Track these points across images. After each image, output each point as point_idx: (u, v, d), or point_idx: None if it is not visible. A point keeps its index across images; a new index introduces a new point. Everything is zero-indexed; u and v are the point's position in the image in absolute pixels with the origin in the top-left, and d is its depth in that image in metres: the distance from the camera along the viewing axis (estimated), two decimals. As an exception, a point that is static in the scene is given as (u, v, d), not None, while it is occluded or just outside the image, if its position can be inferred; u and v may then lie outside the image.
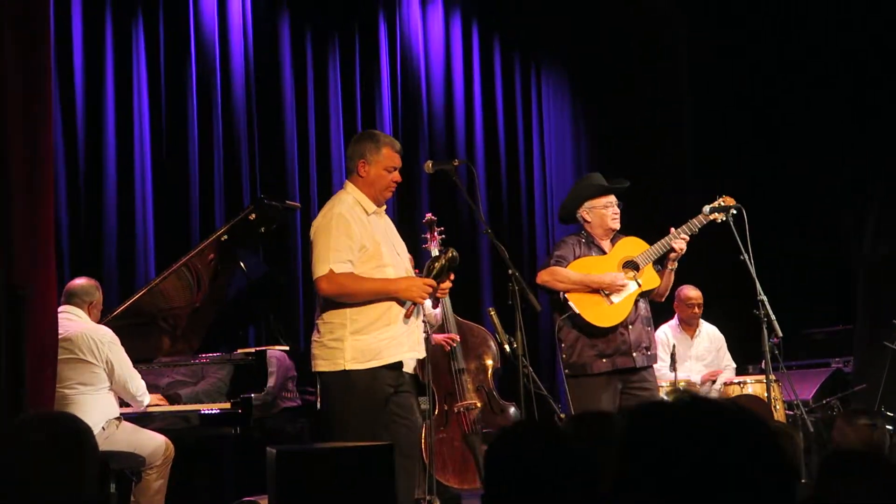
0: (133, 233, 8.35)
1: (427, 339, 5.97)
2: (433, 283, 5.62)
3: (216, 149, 8.71)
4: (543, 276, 6.73)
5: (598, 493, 2.58)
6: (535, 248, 10.28)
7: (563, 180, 10.48)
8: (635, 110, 10.52)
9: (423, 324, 5.88)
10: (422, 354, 5.75)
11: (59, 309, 6.65)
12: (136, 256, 8.35)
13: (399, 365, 5.59)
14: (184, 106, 8.61)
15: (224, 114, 8.77)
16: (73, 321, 6.56)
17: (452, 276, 5.73)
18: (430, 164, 6.13)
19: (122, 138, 8.34)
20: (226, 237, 7.36)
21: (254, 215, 7.39)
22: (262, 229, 7.50)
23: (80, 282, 6.85)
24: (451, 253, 5.68)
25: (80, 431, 2.57)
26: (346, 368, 5.47)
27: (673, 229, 6.72)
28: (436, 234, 7.71)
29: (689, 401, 1.95)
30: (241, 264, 7.43)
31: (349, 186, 5.73)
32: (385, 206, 5.81)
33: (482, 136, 10.26)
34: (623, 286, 6.65)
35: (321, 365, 5.57)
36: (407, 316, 5.58)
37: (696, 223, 6.74)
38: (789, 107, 10.42)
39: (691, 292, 8.57)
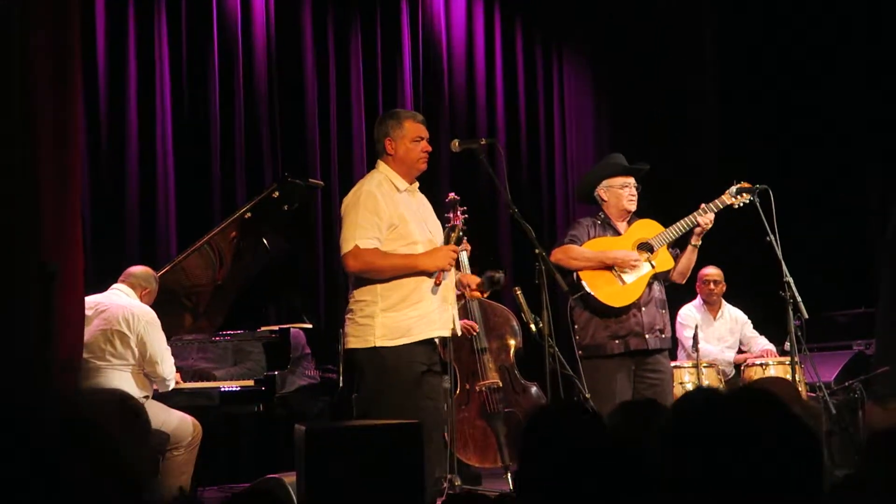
0: (155, 211, 8.38)
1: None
2: (456, 248, 5.64)
3: (238, 127, 8.73)
4: (557, 255, 6.72)
5: (636, 476, 2.57)
6: (555, 229, 10.27)
7: (584, 161, 10.47)
8: (656, 90, 10.50)
9: (455, 303, 5.88)
10: (450, 333, 5.76)
11: (113, 286, 6.74)
12: (157, 234, 8.38)
13: (431, 342, 5.60)
14: (206, 85, 8.62)
15: (246, 94, 8.78)
16: (120, 297, 6.62)
17: (487, 294, 5.82)
18: (456, 142, 6.13)
19: (145, 118, 8.36)
20: (249, 215, 7.38)
21: (277, 193, 7.40)
22: (286, 207, 7.51)
23: (141, 268, 6.95)
24: (498, 276, 5.77)
25: (140, 407, 2.58)
26: (377, 345, 5.48)
27: (703, 205, 6.71)
28: (458, 213, 7.71)
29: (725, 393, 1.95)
30: (264, 242, 7.45)
31: (381, 166, 5.74)
32: (418, 184, 5.82)
33: (504, 118, 10.25)
34: (636, 263, 6.64)
35: (352, 342, 5.58)
36: (437, 283, 5.58)
37: (721, 202, 6.72)
38: (816, 87, 10.38)
39: (707, 269, 8.57)
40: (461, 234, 5.83)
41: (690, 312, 8.66)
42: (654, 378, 6.61)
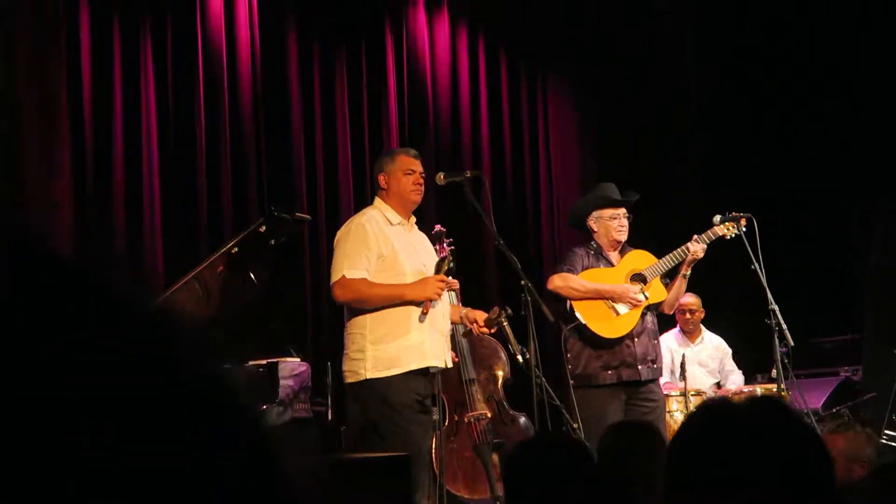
0: (141, 245, 8.37)
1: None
2: (445, 279, 5.69)
3: (224, 161, 8.73)
4: (556, 282, 6.74)
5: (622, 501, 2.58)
6: (542, 259, 10.29)
7: (569, 190, 10.49)
8: (640, 119, 10.53)
9: (448, 334, 5.92)
10: (444, 365, 5.78)
11: None
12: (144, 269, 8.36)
13: (424, 372, 5.63)
14: (191, 119, 8.63)
15: (232, 127, 8.79)
16: None
17: (494, 330, 5.90)
18: (441, 175, 6.17)
19: (130, 153, 8.36)
20: (236, 250, 7.38)
21: (264, 227, 7.40)
22: (273, 241, 7.52)
23: None
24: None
25: None
26: (367, 377, 5.52)
27: (696, 236, 6.76)
28: (445, 245, 7.72)
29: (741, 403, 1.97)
30: (251, 276, 7.45)
31: (376, 201, 5.83)
32: (414, 219, 5.87)
33: (488, 147, 10.28)
34: (635, 300, 6.66)
35: (347, 376, 5.64)
36: (424, 313, 5.61)
37: (713, 233, 6.77)
38: (797, 114, 10.43)
39: (685, 298, 8.55)
40: (451, 265, 5.86)
41: (669, 342, 8.65)
42: (646, 407, 6.64)
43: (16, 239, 0.71)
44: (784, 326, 6.66)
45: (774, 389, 7.27)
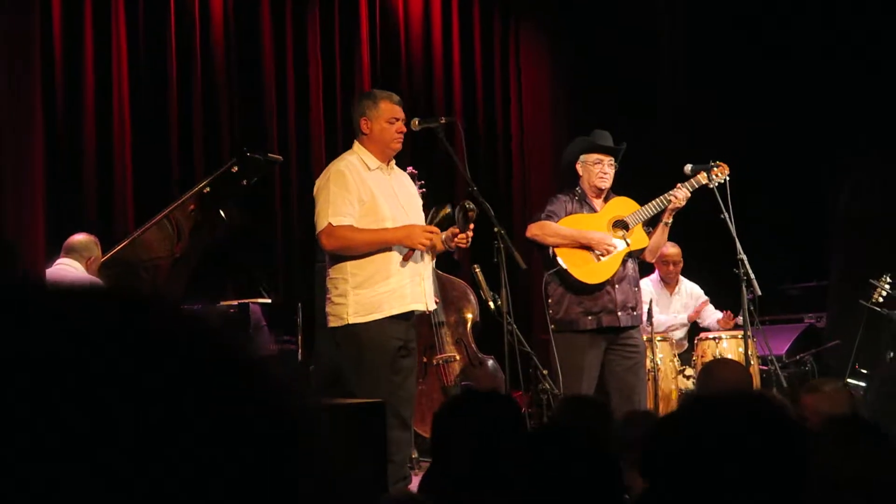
0: (112, 185, 8.36)
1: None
2: (434, 229, 5.67)
3: (196, 101, 8.72)
4: (533, 230, 6.76)
5: (558, 472, 2.51)
6: (512, 206, 10.32)
7: (540, 138, 10.51)
8: (614, 67, 10.51)
9: (430, 277, 5.91)
10: (425, 307, 5.78)
11: (57, 261, 6.76)
12: (115, 208, 8.36)
13: (407, 316, 5.64)
14: (163, 59, 8.60)
15: (203, 68, 8.77)
16: (69, 272, 6.64)
17: (472, 226, 5.76)
18: (416, 121, 6.16)
19: (101, 92, 8.34)
20: (208, 189, 7.40)
21: (236, 168, 7.42)
22: (244, 182, 7.54)
23: (79, 237, 6.96)
24: (470, 205, 5.74)
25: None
26: (350, 322, 5.54)
27: (680, 184, 6.79)
28: (416, 187, 7.75)
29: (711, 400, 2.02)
30: (223, 216, 7.47)
31: (355, 145, 5.78)
32: (394, 162, 5.85)
33: (461, 94, 10.26)
34: (611, 248, 6.68)
35: (331, 321, 5.65)
36: (405, 259, 5.62)
37: (696, 181, 6.81)
38: (770, 62, 10.45)
39: (668, 249, 8.59)
40: (447, 214, 5.80)
41: (647, 287, 8.72)
42: (627, 353, 6.68)
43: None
44: (752, 276, 6.73)
45: (740, 336, 7.36)
